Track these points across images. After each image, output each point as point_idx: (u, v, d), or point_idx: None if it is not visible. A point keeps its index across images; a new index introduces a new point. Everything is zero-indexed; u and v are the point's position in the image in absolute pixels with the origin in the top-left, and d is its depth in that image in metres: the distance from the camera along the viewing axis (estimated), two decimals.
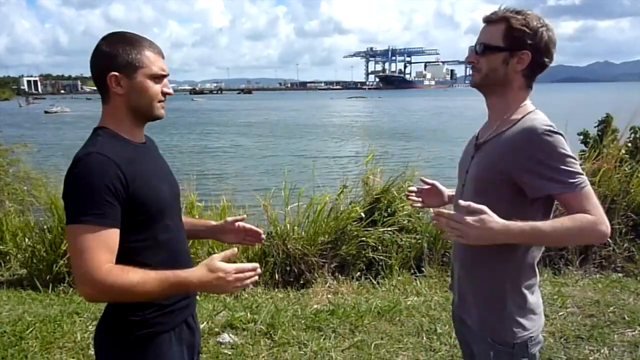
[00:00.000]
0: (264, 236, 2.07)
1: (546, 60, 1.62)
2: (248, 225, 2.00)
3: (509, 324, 1.67)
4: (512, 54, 1.60)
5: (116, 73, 1.52)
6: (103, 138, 1.54)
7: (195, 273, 1.45)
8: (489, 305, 1.70)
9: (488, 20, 1.66)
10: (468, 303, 1.79)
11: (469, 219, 1.47)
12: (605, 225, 1.51)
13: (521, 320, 1.66)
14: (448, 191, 2.09)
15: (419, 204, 2.18)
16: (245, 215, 2.05)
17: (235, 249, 1.58)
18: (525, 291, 1.68)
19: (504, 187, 1.58)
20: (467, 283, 1.79)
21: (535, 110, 1.65)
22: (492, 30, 1.63)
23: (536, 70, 1.64)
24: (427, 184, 2.13)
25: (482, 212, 1.47)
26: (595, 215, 1.50)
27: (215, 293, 1.52)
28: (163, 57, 1.62)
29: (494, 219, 1.47)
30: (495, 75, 1.63)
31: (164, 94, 1.62)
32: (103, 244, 1.41)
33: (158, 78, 1.58)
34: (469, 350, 1.87)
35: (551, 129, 1.52)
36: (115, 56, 1.52)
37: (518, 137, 1.56)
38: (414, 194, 2.17)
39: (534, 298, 1.70)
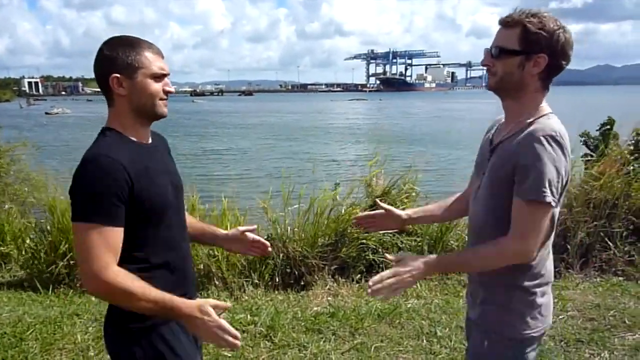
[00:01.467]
0: (270, 249, 2.14)
1: (563, 62, 1.61)
2: (257, 237, 2.08)
3: (511, 318, 1.68)
4: (528, 57, 1.59)
5: (117, 75, 1.58)
6: (110, 139, 1.61)
7: (188, 307, 1.53)
8: (495, 299, 1.72)
9: (504, 23, 1.64)
10: (477, 300, 1.80)
11: (400, 270, 1.64)
12: (521, 242, 1.55)
13: (526, 317, 1.67)
14: (407, 212, 2.16)
15: (373, 229, 2.28)
16: (256, 226, 2.12)
17: (229, 305, 1.70)
18: (536, 290, 1.68)
19: (511, 187, 1.59)
20: (479, 282, 1.79)
21: (549, 114, 1.63)
22: (508, 34, 1.61)
23: (553, 73, 1.63)
24: (383, 208, 2.18)
25: (406, 260, 1.65)
26: (515, 234, 1.55)
27: (195, 333, 1.57)
28: (162, 57, 1.68)
29: (418, 262, 1.64)
30: (511, 78, 1.62)
31: (166, 92, 1.67)
32: (110, 244, 1.50)
33: (158, 77, 1.64)
34: None
35: (552, 135, 1.51)
36: (116, 58, 1.58)
37: (522, 139, 1.57)
38: (364, 220, 2.26)
39: (543, 300, 1.71)
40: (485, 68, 1.71)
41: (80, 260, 1.54)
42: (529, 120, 1.62)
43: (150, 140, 1.74)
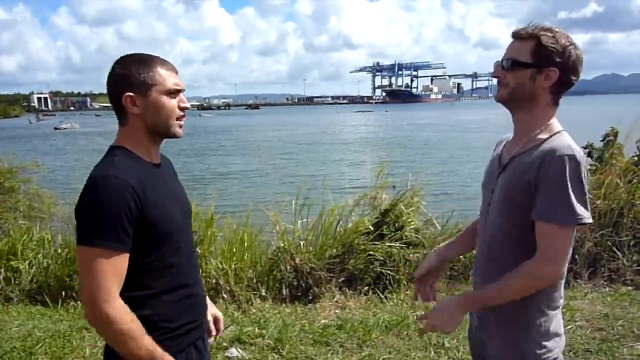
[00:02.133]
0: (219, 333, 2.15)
1: (573, 78, 1.62)
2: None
3: (532, 346, 1.64)
4: (540, 70, 1.60)
5: (131, 93, 1.55)
6: (119, 158, 1.55)
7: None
8: (512, 327, 1.68)
9: (517, 36, 1.66)
10: (489, 324, 1.76)
11: (434, 314, 1.69)
12: (553, 266, 1.54)
13: (545, 342, 1.64)
14: (443, 254, 2.09)
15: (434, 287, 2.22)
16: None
17: None
18: (551, 312, 1.66)
19: (525, 206, 1.58)
20: (492, 311, 1.73)
21: (562, 132, 1.63)
22: (521, 46, 1.63)
23: (563, 88, 1.64)
24: (425, 274, 2.14)
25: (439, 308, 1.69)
26: (545, 257, 1.53)
27: None
28: (176, 73, 1.64)
29: (452, 303, 1.68)
30: (523, 90, 1.63)
31: (181, 108, 1.63)
32: (116, 271, 1.45)
33: (173, 93, 1.60)
34: None
35: (571, 154, 1.51)
36: (129, 77, 1.55)
37: (540, 158, 1.55)
38: (423, 289, 2.21)
39: (558, 318, 1.69)
40: (492, 79, 1.73)
41: (83, 287, 1.49)
42: (542, 137, 1.62)
43: (159, 160, 1.69)
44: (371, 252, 4.94)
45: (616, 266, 5.00)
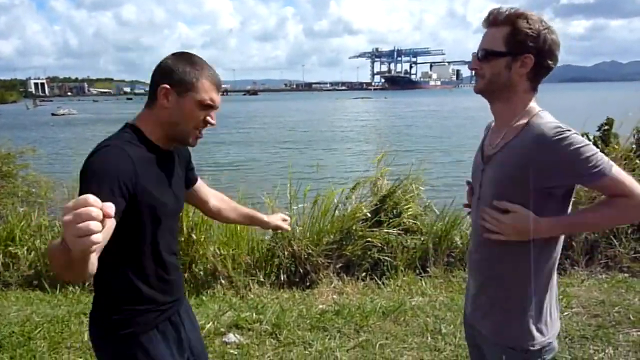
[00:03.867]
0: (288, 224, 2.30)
1: (550, 62, 1.59)
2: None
3: (526, 330, 1.64)
4: (515, 58, 1.57)
5: (168, 87, 1.57)
6: (130, 135, 1.60)
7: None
8: (506, 311, 1.68)
9: (490, 24, 1.63)
10: (482, 308, 1.76)
11: (508, 219, 1.58)
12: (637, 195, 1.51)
13: (540, 325, 1.64)
14: None
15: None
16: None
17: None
18: (546, 296, 1.66)
19: (521, 196, 1.56)
20: (483, 288, 1.76)
21: (539, 113, 1.61)
22: (494, 35, 1.60)
23: (540, 73, 1.61)
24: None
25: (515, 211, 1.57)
26: (630, 195, 1.50)
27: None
28: (219, 89, 1.66)
29: (528, 220, 1.55)
30: (499, 80, 1.61)
31: (206, 122, 1.65)
32: None
33: (205, 107, 1.62)
34: (479, 354, 1.84)
35: (559, 129, 1.50)
36: (173, 72, 1.58)
37: (531, 146, 1.53)
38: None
39: (553, 302, 1.69)
40: (471, 70, 1.70)
41: None
42: (520, 123, 1.60)
43: (172, 148, 1.73)
44: (369, 239, 4.95)
45: (613, 253, 5.02)
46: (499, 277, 1.69)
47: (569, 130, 1.50)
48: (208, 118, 1.64)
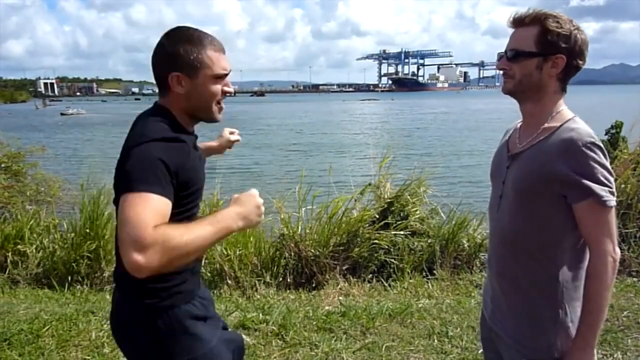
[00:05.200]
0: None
1: (580, 62, 1.57)
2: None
3: (550, 339, 1.61)
4: (546, 58, 1.55)
5: (178, 74, 1.54)
6: (166, 123, 1.54)
7: (230, 217, 1.46)
8: (531, 319, 1.63)
9: (518, 24, 1.60)
10: (503, 312, 1.73)
11: None
12: (612, 255, 1.50)
13: (562, 333, 1.60)
14: None
15: None
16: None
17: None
18: (576, 304, 1.59)
19: (546, 195, 1.54)
20: (505, 291, 1.72)
21: (574, 118, 1.59)
22: (524, 35, 1.57)
23: (570, 73, 1.59)
24: None
25: None
26: (599, 249, 1.49)
27: (250, 224, 1.52)
28: (224, 53, 1.62)
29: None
30: (530, 80, 1.59)
31: (224, 92, 1.63)
32: (158, 211, 1.35)
33: (220, 77, 1.59)
34: (495, 358, 1.80)
35: (593, 141, 1.48)
36: (177, 56, 1.53)
37: (559, 147, 1.51)
38: None
39: (577, 311, 1.60)
40: (499, 70, 1.67)
41: (121, 231, 1.31)
42: (552, 125, 1.58)
43: (194, 131, 1.71)
44: (376, 241, 4.95)
45: (622, 258, 4.97)
46: (519, 281, 1.65)
47: (600, 147, 1.49)
48: (225, 88, 1.62)
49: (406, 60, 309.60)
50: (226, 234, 1.46)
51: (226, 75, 1.61)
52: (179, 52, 1.52)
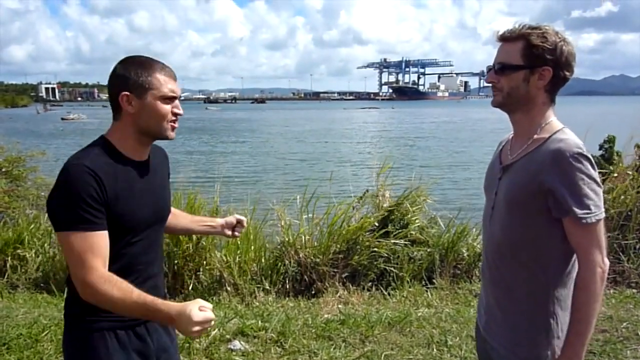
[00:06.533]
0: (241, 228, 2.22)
1: (567, 74, 1.60)
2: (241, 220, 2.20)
3: (543, 349, 1.62)
4: (532, 71, 1.58)
5: (127, 93, 1.63)
6: (97, 149, 1.64)
7: (168, 310, 1.49)
8: (524, 329, 1.65)
9: (505, 39, 1.64)
10: (497, 323, 1.74)
11: None
12: (600, 266, 1.51)
13: (555, 342, 1.61)
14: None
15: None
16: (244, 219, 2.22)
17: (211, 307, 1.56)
18: (560, 313, 1.62)
19: (536, 206, 1.56)
20: (499, 302, 1.74)
21: (563, 129, 1.61)
22: (511, 49, 1.61)
23: (558, 85, 1.62)
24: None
25: None
26: (588, 260, 1.51)
27: (179, 331, 1.53)
28: (175, 79, 1.71)
29: None
30: (518, 93, 1.62)
31: (175, 114, 1.70)
32: (94, 248, 1.54)
33: (168, 99, 1.67)
34: None
35: (580, 152, 1.50)
36: (128, 78, 1.63)
37: (548, 158, 1.53)
38: None
39: (566, 320, 1.62)
40: (487, 83, 1.71)
41: (70, 269, 1.59)
42: (541, 136, 1.61)
43: (146, 157, 1.75)
44: (375, 249, 4.95)
45: (621, 269, 4.98)
46: (512, 291, 1.67)
47: (587, 159, 1.51)
48: (175, 110, 1.69)
49: (407, 69, 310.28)
50: (152, 318, 1.61)
51: (174, 98, 1.69)
52: (129, 74, 1.63)
